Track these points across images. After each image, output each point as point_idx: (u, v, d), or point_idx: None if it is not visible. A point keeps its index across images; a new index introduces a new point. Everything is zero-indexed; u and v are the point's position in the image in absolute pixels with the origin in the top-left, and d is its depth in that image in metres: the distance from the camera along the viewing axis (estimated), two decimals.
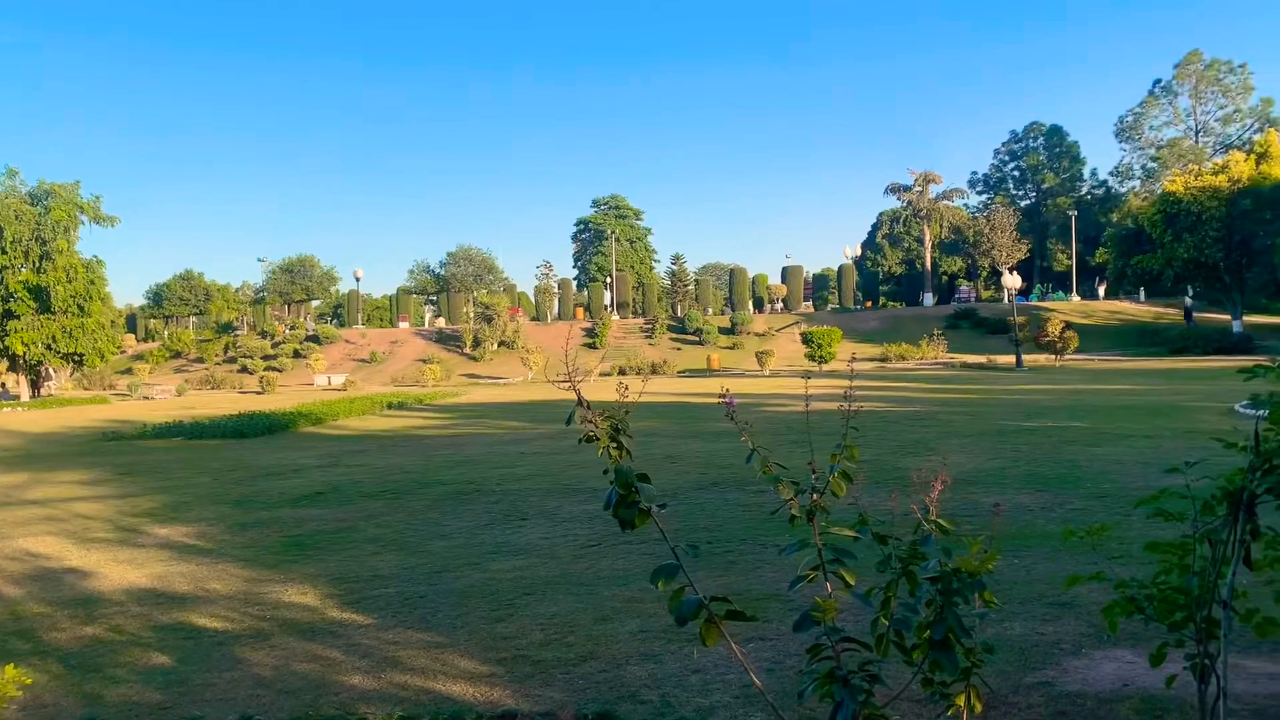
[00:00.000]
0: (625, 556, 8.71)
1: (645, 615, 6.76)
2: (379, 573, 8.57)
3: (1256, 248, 60.14)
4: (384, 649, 6.31)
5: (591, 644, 6.21)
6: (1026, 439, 17.08)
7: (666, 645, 6.08)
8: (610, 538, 9.37)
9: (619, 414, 3.21)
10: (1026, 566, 7.86)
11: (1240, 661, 5.29)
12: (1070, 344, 52.57)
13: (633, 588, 7.52)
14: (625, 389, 3.30)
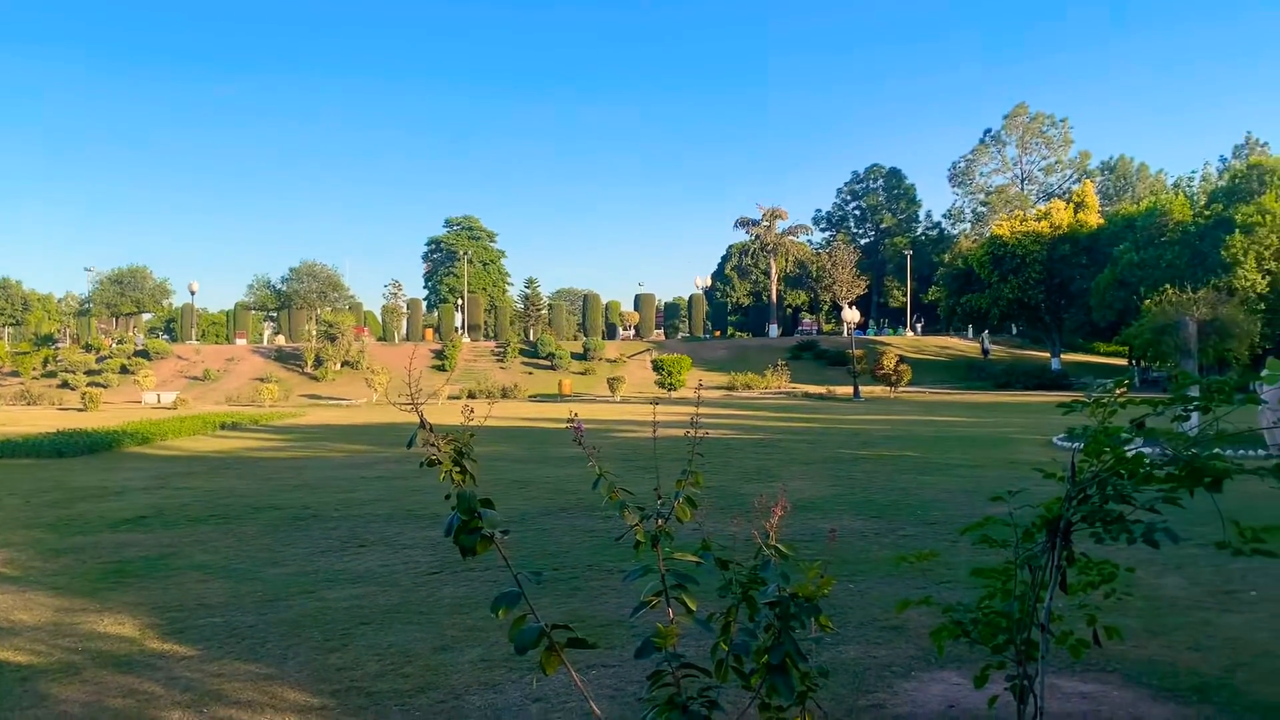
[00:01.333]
0: (468, 584, 8.53)
1: (487, 643, 6.63)
2: (205, 601, 8.12)
3: (1074, 290, 64.54)
4: (207, 681, 5.96)
5: (430, 674, 6.04)
6: (862, 467, 17.71)
7: (508, 674, 5.97)
8: (453, 564, 9.17)
9: (463, 437, 3.14)
10: (861, 591, 8.10)
11: (1056, 681, 5.58)
12: (904, 377, 55.00)
13: (475, 615, 7.37)
14: (471, 412, 3.24)
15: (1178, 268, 55.05)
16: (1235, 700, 5.34)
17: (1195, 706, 5.27)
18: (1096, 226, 65.61)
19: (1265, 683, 5.64)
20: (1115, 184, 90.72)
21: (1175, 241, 57.36)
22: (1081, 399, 4.13)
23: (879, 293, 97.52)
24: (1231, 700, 5.34)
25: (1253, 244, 52.90)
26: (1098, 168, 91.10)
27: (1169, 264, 55.85)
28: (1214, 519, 3.58)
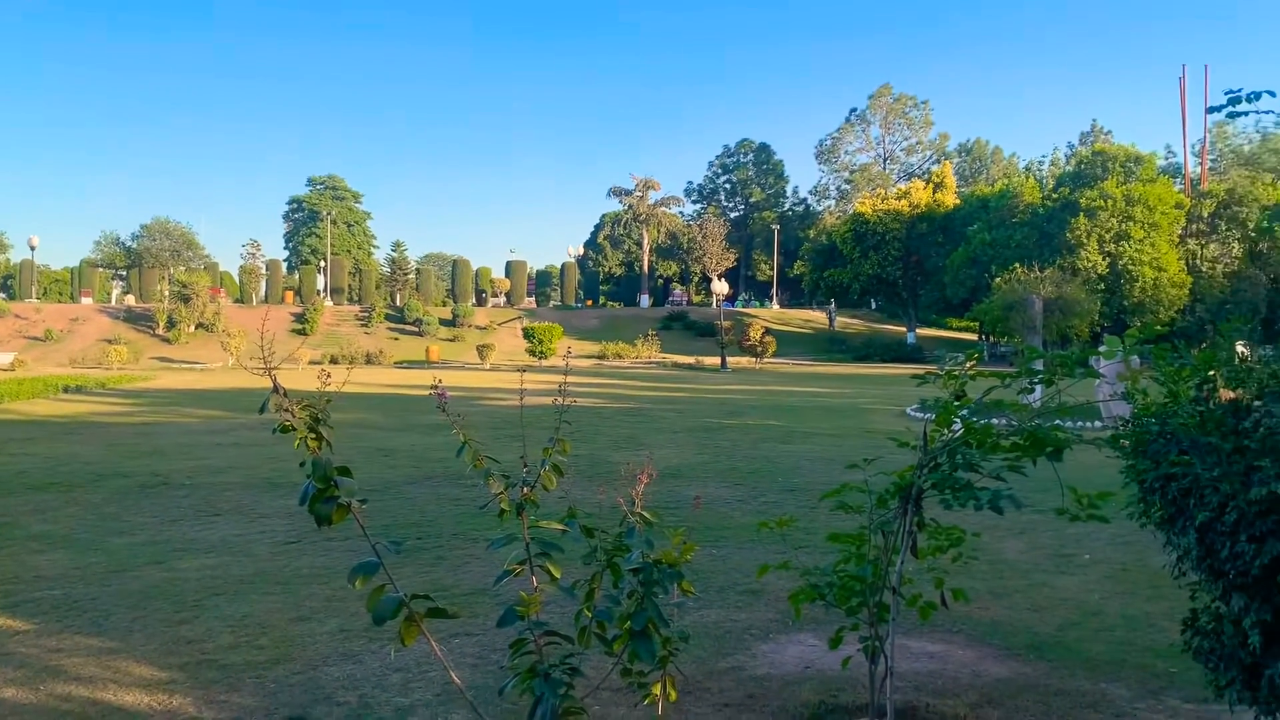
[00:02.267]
0: (328, 553, 8.33)
1: (347, 614, 6.49)
2: (42, 573, 7.68)
3: (929, 268, 67.09)
4: (45, 657, 5.65)
5: (286, 645, 5.88)
6: (728, 435, 18.06)
7: (368, 644, 5.86)
8: (311, 534, 8.93)
9: (320, 403, 3.04)
10: (723, 556, 8.27)
11: (905, 642, 5.83)
12: (769, 348, 56.27)
13: (334, 585, 7.20)
14: (328, 377, 3.13)
15: (1026, 248, 57.83)
16: (1068, 657, 5.69)
17: (1032, 664, 5.59)
18: (953, 206, 68.24)
19: (1095, 641, 6.02)
20: (971, 166, 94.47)
21: (1025, 223, 60.21)
22: (934, 372, 4.29)
23: (747, 266, 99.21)
24: (1064, 657, 5.68)
25: (1095, 227, 55.97)
26: (955, 150, 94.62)
27: (1019, 244, 58.61)
28: (1054, 486, 3.78)
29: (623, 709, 4.73)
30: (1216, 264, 57.63)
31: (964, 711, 4.76)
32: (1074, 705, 4.90)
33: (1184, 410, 3.52)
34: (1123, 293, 54.54)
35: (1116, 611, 6.67)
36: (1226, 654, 3.46)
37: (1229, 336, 4.21)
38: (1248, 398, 3.47)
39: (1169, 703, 4.96)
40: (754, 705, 4.90)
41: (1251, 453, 3.17)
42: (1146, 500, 3.61)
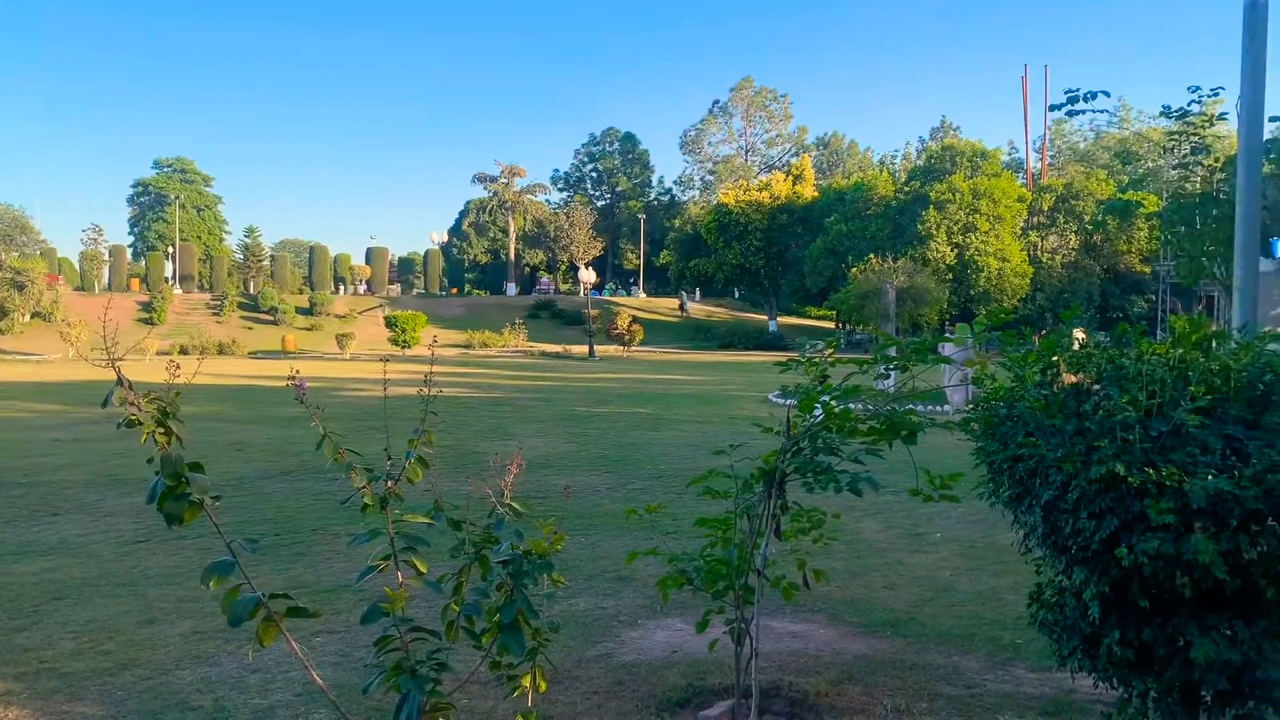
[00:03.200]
0: (179, 553, 7.96)
1: (200, 615, 6.22)
2: None
3: (790, 258, 68.76)
4: None
5: (135, 650, 5.59)
6: (596, 424, 18.10)
7: (224, 646, 5.63)
8: (162, 532, 8.51)
9: (168, 396, 2.88)
10: (593, 544, 8.29)
11: (769, 623, 5.96)
12: (637, 337, 56.66)
13: (186, 586, 6.89)
14: (177, 368, 2.98)
15: (881, 239, 59.88)
16: (922, 632, 5.92)
17: (888, 640, 5.80)
18: (811, 198, 70.02)
19: (947, 616, 6.29)
20: (829, 159, 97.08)
21: (879, 215, 62.33)
22: (796, 359, 4.39)
23: (614, 254, 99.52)
24: (919, 633, 5.92)
25: (944, 219, 58.37)
26: (814, 143, 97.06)
27: (873, 235, 60.64)
28: (908, 468, 3.92)
29: (491, 701, 4.68)
30: (1055, 255, 60.91)
31: (825, 688, 4.90)
32: (929, 678, 5.11)
33: (1030, 394, 3.69)
34: (970, 282, 57.06)
35: (967, 587, 6.99)
36: (1069, 625, 3.66)
37: (1068, 323, 4.44)
38: (1088, 382, 3.66)
39: (1016, 672, 5.22)
40: (622, 692, 4.92)
41: (1092, 434, 3.35)
42: (995, 480, 3.77)
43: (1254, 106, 5.82)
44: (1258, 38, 5.70)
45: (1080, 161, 79.42)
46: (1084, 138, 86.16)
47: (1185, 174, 14.09)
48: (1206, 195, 12.81)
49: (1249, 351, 3.48)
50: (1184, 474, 3.11)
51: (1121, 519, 3.20)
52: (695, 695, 4.85)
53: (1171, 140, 13.80)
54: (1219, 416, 3.27)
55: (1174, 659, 3.35)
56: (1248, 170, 5.94)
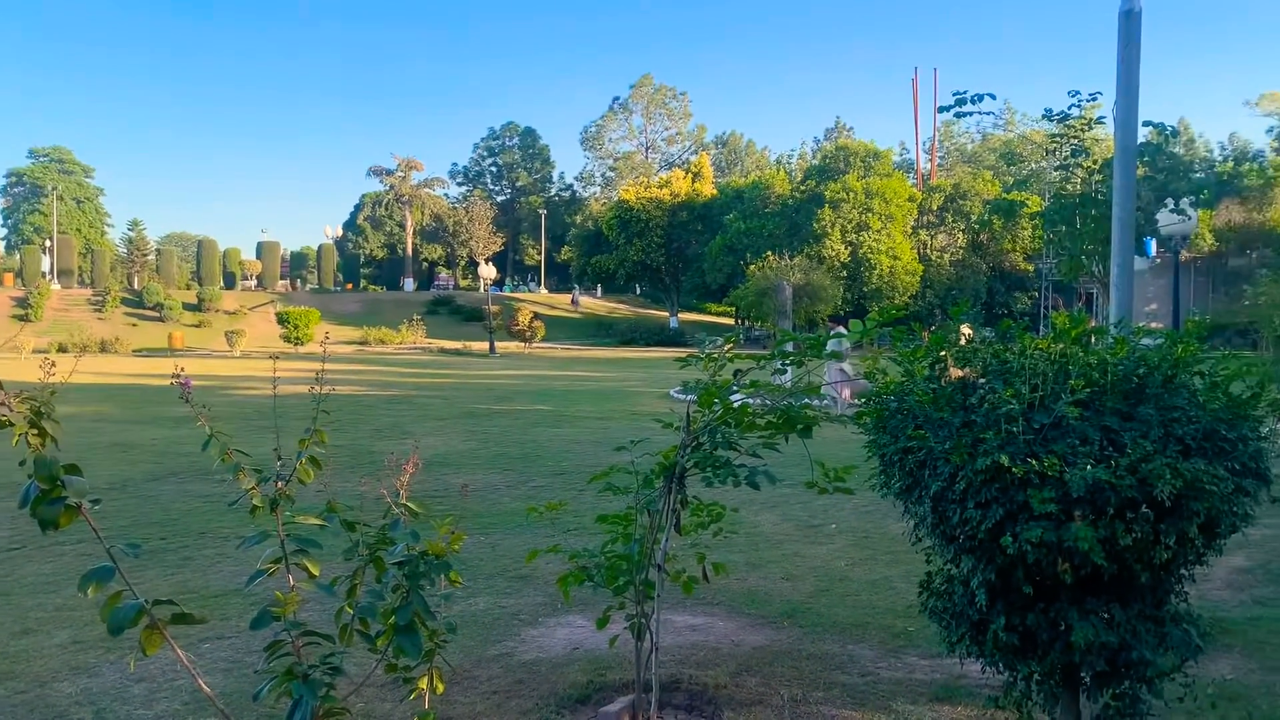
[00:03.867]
0: (57, 559, 7.61)
1: (79, 624, 5.95)
2: None
3: (690, 255, 69.34)
4: None
5: (8, 662, 5.32)
6: (497, 421, 17.95)
7: (105, 656, 5.40)
8: (37, 539, 8.12)
9: (42, 395, 2.74)
10: (493, 543, 8.22)
11: (670, 617, 6.00)
12: (538, 333, 56.41)
13: (64, 594, 6.59)
14: (52, 366, 2.84)
15: (778, 237, 60.83)
16: (818, 622, 6.04)
17: (786, 631, 5.90)
18: (711, 196, 70.74)
19: (842, 605, 6.43)
20: (727, 157, 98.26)
21: (776, 213, 63.30)
22: (696, 355, 4.43)
23: (515, 250, 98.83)
24: (815, 623, 6.04)
25: (838, 218, 59.61)
26: (713, 141, 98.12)
27: (771, 233, 61.56)
28: (804, 461, 3.99)
29: (389, 704, 4.60)
30: (944, 253, 62.79)
31: (724, 680, 4.95)
32: (824, 667, 5.21)
33: (919, 388, 3.79)
34: (863, 279, 58.41)
35: (861, 577, 7.15)
36: (957, 612, 3.77)
37: (956, 319, 4.58)
38: (974, 375, 3.78)
39: (908, 660, 5.37)
40: (522, 691, 4.89)
41: (978, 426, 3.45)
42: (886, 472, 3.86)
43: (1128, 112, 6.10)
44: (1132, 46, 5.97)
45: (968, 163, 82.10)
46: (971, 140, 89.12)
47: (1066, 175, 14.69)
48: (1085, 196, 13.40)
49: (1124, 346, 3.64)
50: (1065, 464, 3.23)
51: (1006, 508, 3.31)
52: (596, 691, 4.85)
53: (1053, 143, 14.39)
54: (1097, 408, 3.40)
55: (1056, 643, 3.48)
56: (1123, 172, 6.22)
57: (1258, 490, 3.51)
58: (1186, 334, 3.72)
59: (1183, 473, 3.18)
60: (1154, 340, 3.80)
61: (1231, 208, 54.57)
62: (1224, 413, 3.47)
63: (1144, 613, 3.55)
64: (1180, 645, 3.59)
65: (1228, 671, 5.16)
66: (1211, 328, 36.04)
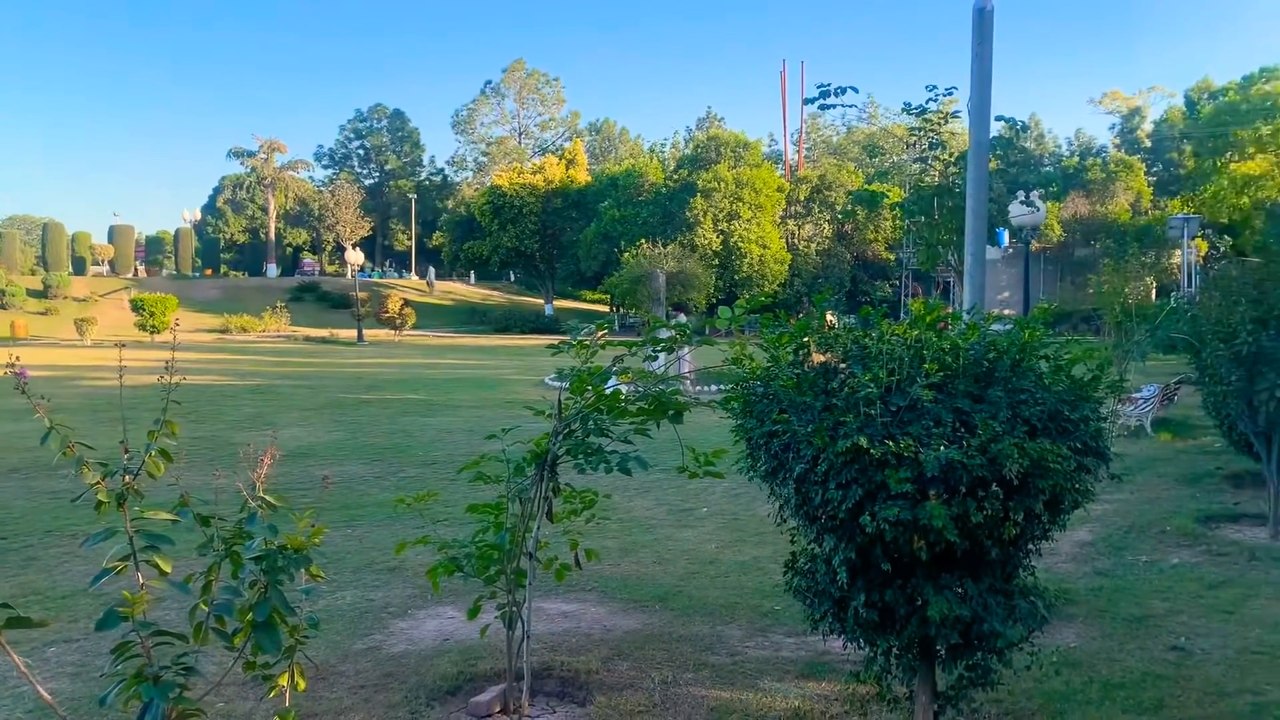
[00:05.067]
0: None
1: None
2: None
3: (565, 242, 69.15)
4: None
5: None
6: (366, 411, 17.55)
7: None
8: None
9: None
10: (360, 535, 8.05)
11: (542, 605, 5.99)
12: (409, 320, 55.26)
13: None
14: None
15: (652, 225, 61.22)
16: (689, 605, 6.13)
17: (658, 614, 5.96)
18: (585, 183, 70.63)
19: (713, 587, 6.54)
20: (601, 145, 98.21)
21: (650, 201, 63.69)
22: (567, 341, 4.41)
23: (384, 235, 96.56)
24: (686, 605, 6.12)
25: (710, 207, 60.38)
26: (587, 128, 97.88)
27: (645, 221, 61.91)
28: (676, 446, 4.04)
29: (250, 702, 4.46)
30: (811, 242, 64.36)
31: (596, 665, 4.98)
32: (694, 649, 5.30)
33: (783, 373, 3.88)
34: (734, 268, 59.36)
35: (731, 559, 7.29)
36: (820, 590, 3.88)
37: (820, 307, 4.69)
38: (835, 360, 3.89)
39: (775, 638, 5.50)
40: (390, 684, 4.81)
41: (838, 410, 3.55)
42: (753, 455, 3.94)
43: (982, 107, 6.37)
44: (985, 43, 6.23)
45: (833, 155, 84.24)
46: (837, 132, 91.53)
47: (924, 168, 15.26)
48: (941, 188, 13.93)
49: (975, 332, 3.80)
50: (920, 445, 3.36)
51: (865, 488, 3.42)
52: (467, 682, 4.81)
53: (912, 136, 14.90)
54: (950, 391, 3.55)
55: (913, 617, 3.62)
56: (976, 165, 6.49)
57: (1098, 468, 3.72)
58: (1033, 320, 3.91)
59: (1029, 452, 3.35)
60: (1003, 326, 3.98)
61: (1077, 200, 57.67)
62: (1067, 394, 3.66)
63: (994, 586, 3.73)
64: (1028, 616, 3.78)
65: (1072, 639, 5.47)
66: (1059, 314, 38.08)
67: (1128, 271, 29.03)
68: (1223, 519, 8.54)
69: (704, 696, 4.66)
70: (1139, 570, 6.96)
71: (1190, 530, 8.06)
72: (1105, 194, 58.27)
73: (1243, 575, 6.79)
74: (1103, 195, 58.22)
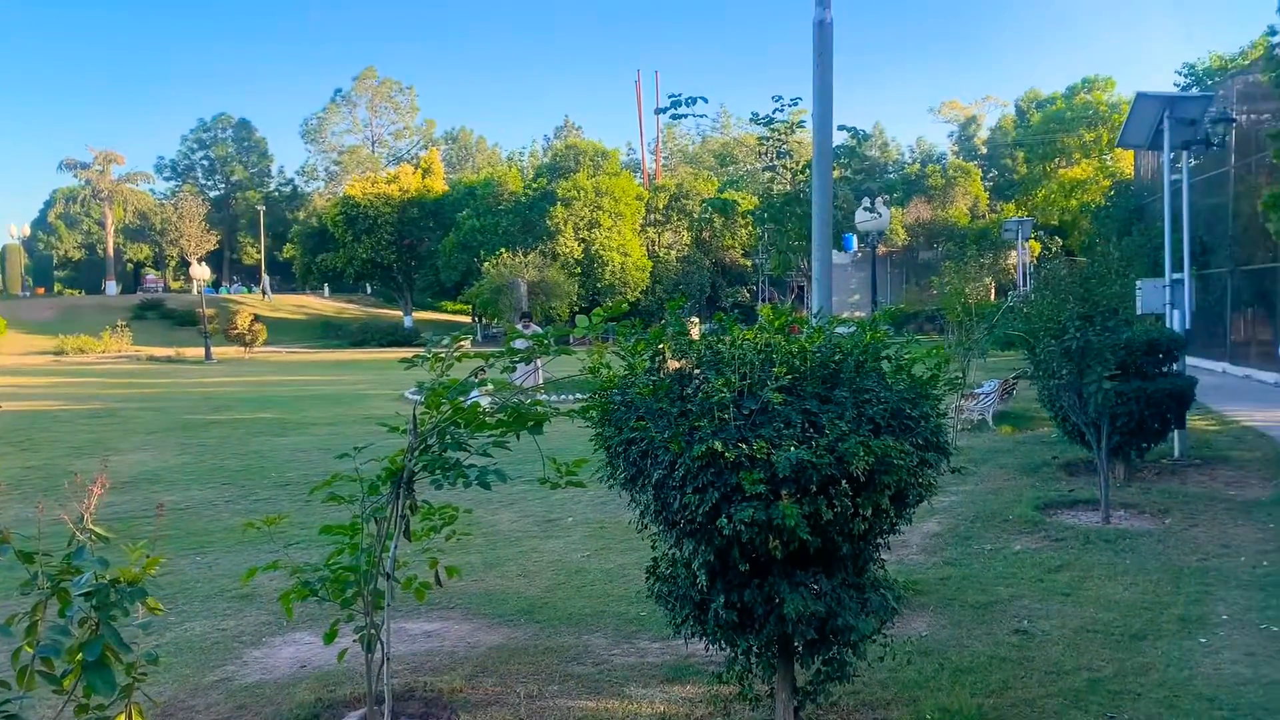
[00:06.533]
0: None
1: None
2: None
3: (423, 253, 68.01)
4: None
5: None
6: (214, 432, 16.81)
7: None
8: None
9: None
10: (210, 563, 7.70)
11: (403, 625, 5.86)
12: (259, 336, 53.26)
13: None
14: None
15: (512, 234, 60.83)
16: (554, 616, 6.10)
17: (523, 628, 5.91)
18: (442, 193, 69.63)
19: (578, 597, 6.52)
20: (458, 154, 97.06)
21: (510, 210, 63.27)
22: (422, 354, 4.33)
23: (232, 249, 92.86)
24: (552, 617, 6.09)
25: (571, 215, 60.44)
26: (442, 137, 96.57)
27: (505, 230, 61.46)
28: (539, 457, 4.01)
29: None
30: (671, 250, 65.16)
31: (460, 684, 4.90)
32: (560, 660, 5.27)
33: (640, 380, 3.90)
34: (596, 276, 59.57)
35: (597, 567, 7.29)
36: (681, 594, 3.92)
37: (674, 314, 4.75)
38: (690, 366, 3.94)
39: (640, 644, 5.53)
40: (244, 716, 4.62)
41: (693, 415, 3.60)
42: (612, 464, 3.95)
43: (824, 116, 6.58)
44: (825, 55, 6.44)
45: (690, 163, 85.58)
46: (692, 141, 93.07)
47: (774, 176, 15.63)
48: (790, 195, 14.29)
49: (821, 335, 3.91)
50: (772, 447, 3.43)
51: (721, 491, 3.47)
52: (326, 709, 4.66)
53: (761, 145, 15.27)
54: (799, 393, 3.64)
55: (770, 616, 3.70)
56: (820, 174, 6.70)
57: (939, 462, 3.88)
58: (876, 322, 4.05)
59: (874, 450, 3.46)
60: (848, 329, 4.11)
61: (920, 205, 60.34)
62: (908, 393, 3.81)
63: (847, 581, 3.84)
64: (880, 609, 3.91)
65: (923, 629, 5.69)
66: (905, 315, 39.71)
67: (967, 273, 30.44)
68: (1060, 505, 9.04)
69: (570, 707, 4.64)
70: (984, 558, 7.29)
71: (1030, 518, 8.50)
72: (945, 199, 61.18)
73: (1078, 558, 7.20)
74: (943, 200, 61.10)
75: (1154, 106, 12.03)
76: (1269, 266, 20.92)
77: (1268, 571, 6.71)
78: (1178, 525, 8.16)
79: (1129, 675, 4.89)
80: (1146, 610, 5.93)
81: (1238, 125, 21.95)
